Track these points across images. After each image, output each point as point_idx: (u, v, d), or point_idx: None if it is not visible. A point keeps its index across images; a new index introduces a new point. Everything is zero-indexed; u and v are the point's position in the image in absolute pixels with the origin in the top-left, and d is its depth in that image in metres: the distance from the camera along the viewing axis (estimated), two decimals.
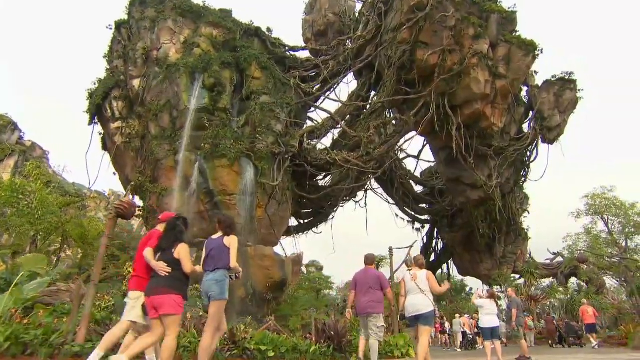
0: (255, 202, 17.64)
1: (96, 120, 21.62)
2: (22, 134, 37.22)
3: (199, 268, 4.96)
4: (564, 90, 24.63)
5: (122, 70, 20.97)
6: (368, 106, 22.57)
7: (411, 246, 13.65)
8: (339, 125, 22.05)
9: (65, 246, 23.33)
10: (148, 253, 4.65)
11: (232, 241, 5.11)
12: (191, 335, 7.04)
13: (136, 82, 19.88)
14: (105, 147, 21.99)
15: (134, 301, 4.75)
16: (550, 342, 18.91)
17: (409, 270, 6.94)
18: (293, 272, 20.83)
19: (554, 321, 20.77)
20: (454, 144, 21.61)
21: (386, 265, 17.64)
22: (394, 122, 24.22)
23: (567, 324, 19.65)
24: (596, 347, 15.61)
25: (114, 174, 22.40)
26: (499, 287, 25.37)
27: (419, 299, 6.29)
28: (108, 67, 21.82)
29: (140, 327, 4.75)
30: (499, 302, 10.16)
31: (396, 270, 13.23)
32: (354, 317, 8.25)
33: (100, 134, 22.09)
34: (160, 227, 5.09)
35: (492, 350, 9.61)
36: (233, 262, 4.97)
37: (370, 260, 7.34)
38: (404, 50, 20.79)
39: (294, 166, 20.11)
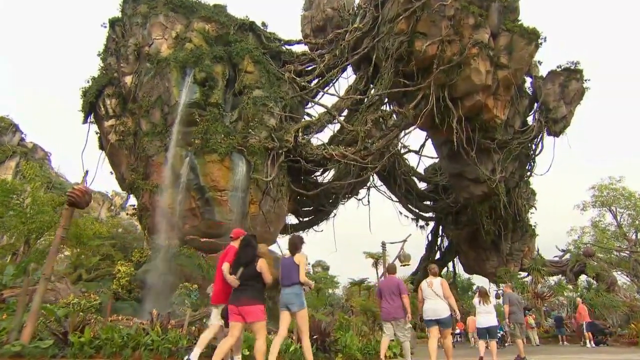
0: (248, 198, 17.22)
1: (92, 119, 21.45)
2: (23, 135, 37.33)
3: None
4: (569, 80, 23.77)
5: (115, 68, 20.75)
6: (366, 100, 21.98)
7: (404, 241, 13.11)
8: (336, 120, 21.50)
9: (63, 246, 23.16)
10: (225, 268, 5.40)
11: (300, 259, 5.82)
12: (155, 334, 6.59)
13: (128, 79, 19.64)
14: (102, 146, 21.78)
15: (219, 310, 5.65)
16: (581, 341, 18.05)
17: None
18: None
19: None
20: (455, 137, 20.91)
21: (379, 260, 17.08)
22: (394, 115, 23.63)
23: (592, 323, 18.89)
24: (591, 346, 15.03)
25: (111, 173, 22.19)
26: (504, 284, 24.56)
27: (437, 304, 7.19)
28: (102, 64, 21.63)
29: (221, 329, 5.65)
30: (490, 299, 9.56)
31: None
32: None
33: (96, 133, 21.93)
34: (234, 244, 5.78)
35: (486, 350, 9.07)
36: (302, 278, 5.68)
37: (392, 269, 8.07)
38: (402, 42, 20.21)
39: (290, 162, 19.61)
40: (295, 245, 5.94)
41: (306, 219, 26.52)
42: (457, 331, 23.06)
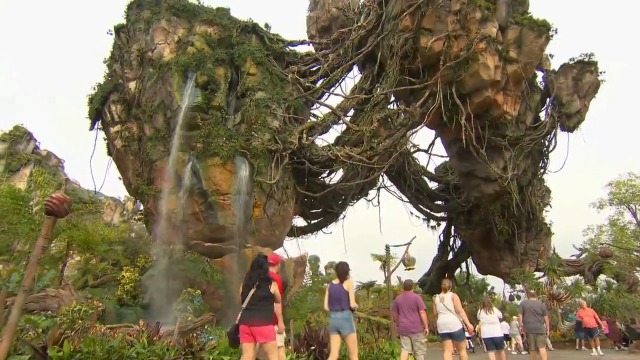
0: (251, 202, 17.03)
1: (99, 125, 21.59)
2: (37, 143, 38.08)
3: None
4: (583, 73, 22.91)
5: (120, 74, 20.86)
6: (371, 99, 21.58)
7: (409, 244, 12.69)
8: (341, 120, 21.16)
9: (73, 252, 23.38)
10: None
11: (349, 285, 6.23)
12: (140, 346, 6.39)
13: (132, 85, 19.72)
14: (110, 152, 21.90)
15: None
16: (616, 345, 17.29)
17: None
18: (297, 273, 20.11)
19: (617, 322, 19.05)
20: (464, 135, 20.33)
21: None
22: (401, 114, 23.17)
23: (628, 327, 18.07)
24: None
25: (119, 178, 22.32)
26: (519, 285, 23.84)
27: (449, 318, 7.59)
28: (107, 71, 21.78)
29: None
30: (493, 310, 9.55)
31: (394, 269, 12.28)
32: None
33: (104, 139, 22.07)
34: (273, 269, 5.65)
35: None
36: (353, 303, 6.08)
37: (408, 285, 8.32)
38: (407, 38, 19.79)
39: (295, 164, 19.37)
40: (345, 272, 6.32)
41: (314, 221, 26.23)
42: (468, 335, 22.42)
